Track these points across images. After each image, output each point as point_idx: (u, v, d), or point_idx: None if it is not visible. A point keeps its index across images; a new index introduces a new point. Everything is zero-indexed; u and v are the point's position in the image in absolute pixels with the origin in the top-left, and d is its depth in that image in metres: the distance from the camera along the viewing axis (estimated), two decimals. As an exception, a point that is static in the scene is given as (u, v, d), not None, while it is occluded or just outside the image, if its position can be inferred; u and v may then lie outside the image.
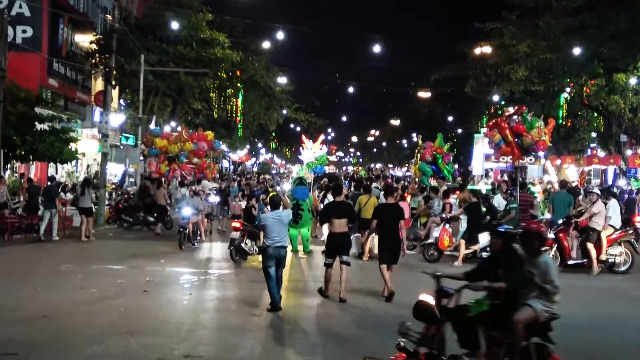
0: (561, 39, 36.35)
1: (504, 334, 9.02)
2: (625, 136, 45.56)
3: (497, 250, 9.65)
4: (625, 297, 16.84)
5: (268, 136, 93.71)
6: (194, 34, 44.35)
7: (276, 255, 14.44)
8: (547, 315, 9.25)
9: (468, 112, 73.84)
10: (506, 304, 9.08)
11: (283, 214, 14.94)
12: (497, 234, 9.78)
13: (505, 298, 9.10)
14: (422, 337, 8.41)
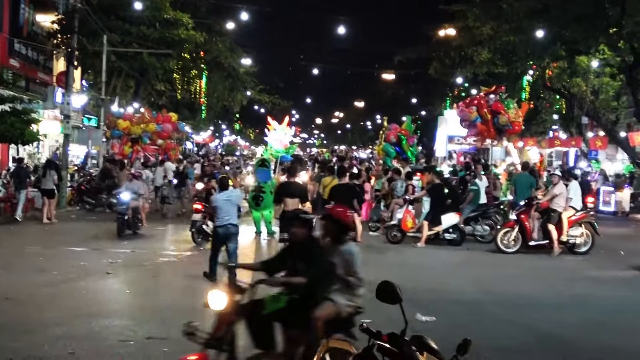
0: (524, 21, 36.49)
1: (302, 331, 7.90)
2: (587, 118, 45.95)
3: (298, 240, 8.46)
4: (585, 278, 17.05)
5: (232, 118, 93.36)
6: (157, 15, 43.93)
7: (226, 233, 15.08)
8: (350, 310, 8.19)
9: (432, 94, 74.05)
10: (305, 299, 8.00)
11: (233, 195, 15.61)
12: (301, 222, 8.52)
13: (304, 292, 8.02)
14: (210, 337, 7.74)
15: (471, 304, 13.63)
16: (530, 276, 17.12)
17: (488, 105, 27.05)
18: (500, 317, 12.60)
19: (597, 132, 46.71)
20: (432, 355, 4.99)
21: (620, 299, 14.61)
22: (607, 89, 41.69)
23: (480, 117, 27.29)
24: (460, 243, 21.98)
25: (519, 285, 15.74)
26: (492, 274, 16.97)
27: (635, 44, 33.90)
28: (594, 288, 15.73)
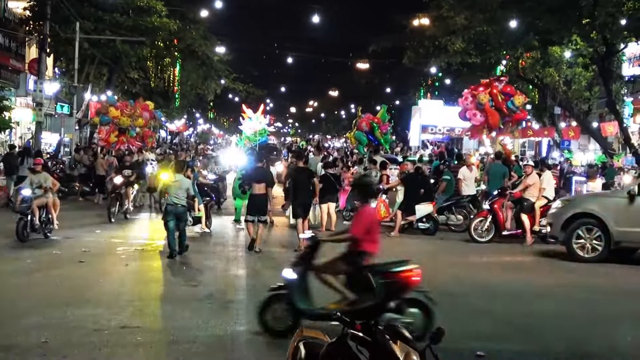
0: (498, 11, 36.59)
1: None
2: (559, 109, 46.23)
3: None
4: (558, 267, 17.19)
5: (206, 106, 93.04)
6: (130, 2, 43.61)
7: (175, 212, 16.89)
8: None
9: (406, 84, 74.19)
10: None
11: (183, 180, 17.32)
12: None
13: None
14: None
15: (445, 293, 13.66)
16: (503, 265, 17.25)
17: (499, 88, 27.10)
18: (474, 307, 12.68)
19: (570, 122, 47.00)
20: (406, 344, 5.03)
21: (592, 288, 14.75)
22: (579, 79, 41.89)
23: (492, 99, 27.26)
24: (434, 232, 22.11)
25: (493, 275, 15.86)
26: (465, 264, 17.08)
27: (607, 35, 34.09)
28: (567, 277, 15.87)
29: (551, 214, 18.67)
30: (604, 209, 17.51)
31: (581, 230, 17.49)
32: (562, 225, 17.76)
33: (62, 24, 38.05)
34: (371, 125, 34.99)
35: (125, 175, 24.59)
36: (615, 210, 17.44)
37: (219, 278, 14.68)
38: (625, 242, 17.56)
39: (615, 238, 17.28)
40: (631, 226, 17.20)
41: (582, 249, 17.51)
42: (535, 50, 39.52)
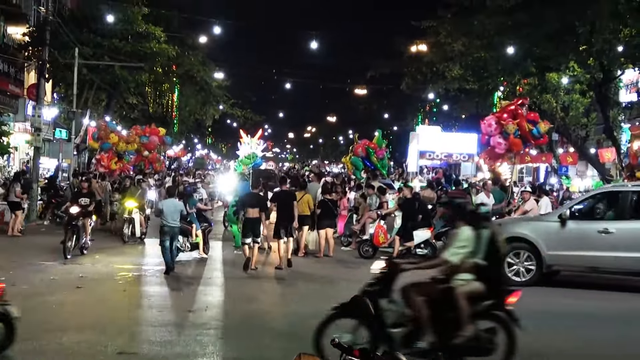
0: (495, 38, 36.70)
1: None
2: (557, 135, 46.28)
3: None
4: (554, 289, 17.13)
5: (204, 131, 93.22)
6: (129, 28, 43.85)
7: (170, 232, 18.26)
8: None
9: (404, 110, 74.39)
10: None
11: (177, 203, 18.95)
12: None
13: None
14: None
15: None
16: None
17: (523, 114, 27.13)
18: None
19: (568, 148, 47.05)
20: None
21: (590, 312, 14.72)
22: (577, 105, 41.92)
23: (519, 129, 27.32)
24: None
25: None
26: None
27: (604, 61, 34.22)
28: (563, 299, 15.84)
29: None
30: (536, 233, 17.60)
31: (510, 257, 17.42)
32: None
33: (61, 50, 38.15)
34: (367, 151, 34.99)
35: (82, 205, 21.74)
36: (546, 234, 17.54)
37: (216, 304, 14.66)
38: (557, 266, 17.88)
39: (548, 262, 17.45)
40: (563, 250, 17.37)
41: (516, 275, 17.47)
42: (532, 77, 39.63)
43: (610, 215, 18.03)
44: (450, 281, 9.96)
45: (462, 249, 9.99)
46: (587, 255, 17.26)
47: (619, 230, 17.01)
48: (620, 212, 17.69)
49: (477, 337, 9.75)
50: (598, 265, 17.59)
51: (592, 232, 17.21)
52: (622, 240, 16.93)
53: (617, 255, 16.93)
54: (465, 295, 9.73)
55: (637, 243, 16.89)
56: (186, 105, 66.99)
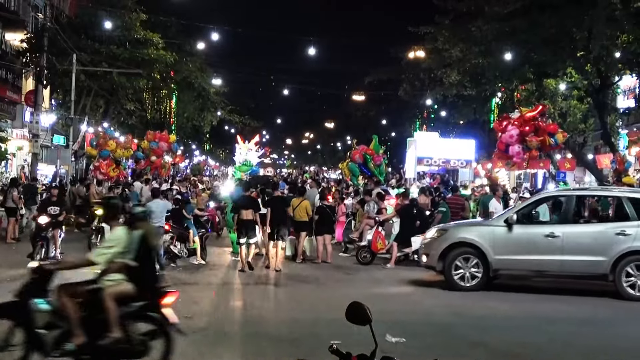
0: (493, 44, 36.75)
1: None
2: (555, 140, 46.35)
3: None
4: (552, 297, 17.13)
5: (202, 137, 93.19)
6: (127, 34, 43.91)
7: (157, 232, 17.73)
8: None
9: (402, 116, 74.43)
10: None
11: (164, 204, 20.07)
12: None
13: None
14: None
15: (440, 325, 13.70)
16: (499, 296, 17.21)
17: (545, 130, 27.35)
18: (469, 339, 12.65)
19: (565, 154, 47.04)
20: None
21: (582, 319, 14.72)
22: (574, 111, 41.98)
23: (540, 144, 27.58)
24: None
25: (488, 306, 15.81)
26: (460, 295, 17.03)
27: (601, 68, 34.24)
28: (560, 307, 15.85)
29: (426, 244, 18.61)
30: (482, 238, 17.64)
31: (459, 261, 17.54)
32: (439, 255, 17.76)
33: (58, 56, 38.19)
34: (364, 157, 34.96)
35: (52, 214, 20.12)
36: (493, 238, 17.59)
37: (214, 310, 14.65)
38: (504, 270, 17.89)
39: (494, 266, 17.50)
40: (510, 254, 17.46)
41: (462, 279, 17.54)
42: (530, 83, 39.68)
43: (556, 219, 18.46)
44: (99, 282, 9.88)
45: (109, 249, 9.89)
46: (533, 260, 17.40)
47: (564, 234, 17.23)
48: (565, 216, 18.07)
49: (128, 339, 9.62)
50: (545, 269, 17.67)
51: (539, 236, 17.40)
52: (568, 243, 17.14)
53: (564, 259, 17.13)
54: (113, 296, 9.59)
55: (582, 246, 17.16)
56: (184, 112, 67.00)
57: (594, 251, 17.03)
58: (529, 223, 18.15)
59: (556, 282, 18.47)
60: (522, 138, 27.61)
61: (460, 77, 40.95)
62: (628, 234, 16.88)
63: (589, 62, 34.16)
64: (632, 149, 35.04)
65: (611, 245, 16.91)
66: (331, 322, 12.67)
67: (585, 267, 17.21)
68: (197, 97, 61.63)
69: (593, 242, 17.18)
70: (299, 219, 21.96)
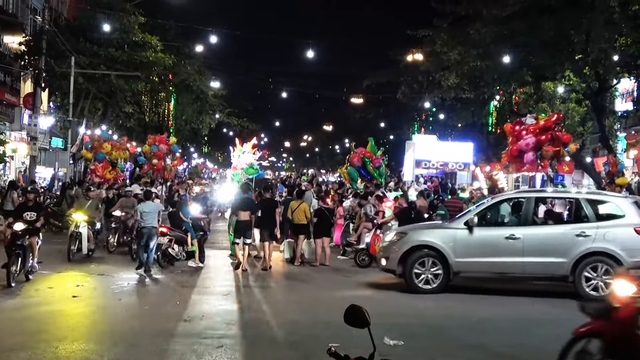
0: (491, 47, 36.78)
1: None
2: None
3: None
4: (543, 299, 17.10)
5: (200, 140, 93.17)
6: (125, 37, 43.97)
7: (148, 233, 19.21)
8: None
9: (400, 119, 74.44)
10: None
11: (156, 205, 19.97)
12: None
13: None
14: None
15: (438, 327, 13.70)
16: (495, 299, 17.20)
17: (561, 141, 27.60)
18: (465, 341, 12.65)
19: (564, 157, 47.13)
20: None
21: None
22: (572, 114, 42.06)
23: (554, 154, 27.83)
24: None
25: (484, 308, 15.80)
26: (458, 297, 17.03)
27: (600, 71, 34.27)
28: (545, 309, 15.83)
29: (385, 247, 18.47)
30: (443, 240, 17.58)
31: (419, 263, 17.46)
32: (400, 258, 17.65)
33: (57, 59, 38.18)
34: (363, 160, 34.92)
35: (28, 220, 18.16)
36: (454, 241, 17.53)
37: (212, 313, 14.62)
38: (464, 273, 17.87)
39: (455, 269, 17.45)
40: (471, 256, 17.42)
41: (422, 281, 17.44)
42: (528, 86, 39.74)
43: (516, 221, 18.40)
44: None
45: None
46: (494, 262, 17.39)
47: (525, 236, 17.24)
48: (525, 218, 17.99)
49: None
50: (506, 271, 17.67)
51: (499, 238, 17.39)
52: (529, 245, 17.15)
53: (525, 261, 17.14)
54: None
55: (543, 248, 17.19)
56: (182, 114, 66.96)
57: (554, 253, 17.10)
58: (489, 225, 18.31)
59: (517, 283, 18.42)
60: (537, 146, 27.78)
61: (459, 80, 40.98)
62: (587, 235, 16.96)
63: (587, 65, 34.19)
64: (630, 152, 35.07)
65: (571, 246, 17.00)
66: (330, 325, 12.67)
67: (546, 269, 17.26)
68: (195, 100, 61.63)
69: (553, 243, 17.26)
70: (297, 221, 21.99)
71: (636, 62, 34.03)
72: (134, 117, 55.56)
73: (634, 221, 17.08)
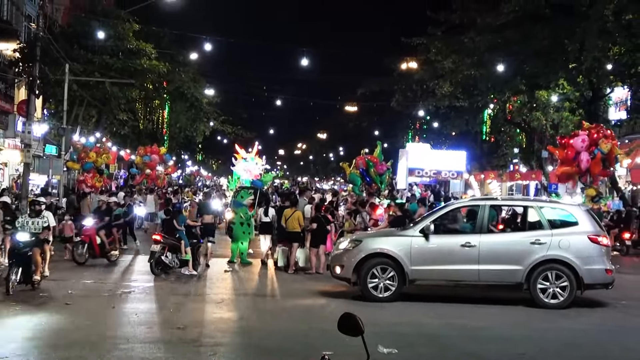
0: (485, 55, 36.91)
1: None
2: (547, 152, 46.49)
3: None
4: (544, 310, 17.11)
5: (194, 148, 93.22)
6: (120, 44, 43.99)
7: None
8: None
9: (394, 127, 74.59)
10: None
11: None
12: None
13: None
14: None
15: (431, 335, 13.68)
16: (488, 307, 17.19)
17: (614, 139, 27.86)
18: (460, 349, 12.63)
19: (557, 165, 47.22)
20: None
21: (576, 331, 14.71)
22: (566, 123, 42.21)
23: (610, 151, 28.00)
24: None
25: (478, 317, 15.78)
26: (452, 306, 17.01)
27: (593, 79, 34.43)
28: (551, 320, 15.83)
29: (338, 255, 18.26)
30: (398, 248, 17.37)
31: (375, 271, 17.23)
32: (355, 266, 17.45)
33: (51, 66, 38.10)
34: (367, 164, 34.91)
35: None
36: (409, 248, 17.34)
37: (206, 321, 14.61)
38: (420, 280, 17.60)
39: (411, 277, 17.25)
40: (426, 264, 17.28)
41: (377, 290, 17.20)
42: (522, 94, 39.87)
43: (471, 229, 18.13)
44: None
45: None
46: (450, 269, 17.28)
47: (481, 244, 17.16)
48: (480, 226, 17.78)
49: None
50: (462, 279, 17.48)
51: (455, 245, 17.29)
52: (485, 253, 17.10)
53: (481, 269, 17.06)
54: None
55: (498, 255, 17.15)
56: (176, 122, 66.99)
57: (509, 260, 17.09)
58: (445, 233, 18.07)
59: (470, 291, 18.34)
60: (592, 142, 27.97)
61: (453, 88, 41.14)
62: (543, 243, 16.97)
63: (581, 74, 34.36)
64: (623, 161, 35.21)
65: (527, 254, 16.99)
66: (324, 333, 12.66)
67: (501, 276, 17.19)
68: (189, 108, 61.62)
69: (509, 251, 17.25)
70: (291, 229, 21.97)
71: (630, 71, 34.16)
72: (128, 125, 55.56)
73: (587, 229, 17.19)
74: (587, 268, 16.74)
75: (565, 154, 30.07)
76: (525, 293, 17.06)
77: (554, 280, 16.80)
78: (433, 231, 17.45)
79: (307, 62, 43.37)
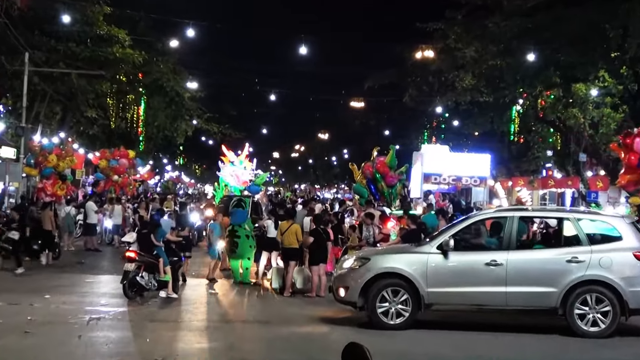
0: (513, 43, 36.91)
1: None
2: (585, 155, 46.42)
3: None
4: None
5: (175, 150, 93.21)
6: (88, 30, 43.99)
7: None
8: None
9: (407, 126, 74.56)
10: None
11: None
12: None
13: None
14: None
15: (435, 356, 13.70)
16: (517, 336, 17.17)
17: None
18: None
19: (597, 171, 47.14)
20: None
21: None
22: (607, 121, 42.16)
23: None
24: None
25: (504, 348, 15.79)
26: (474, 334, 16.98)
27: (639, 70, 34.40)
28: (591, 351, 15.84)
29: (342, 275, 18.09)
30: (412, 267, 17.20)
31: (385, 294, 17.03)
32: (361, 288, 17.26)
33: (8, 55, 38.19)
34: (374, 175, 34.88)
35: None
36: (425, 268, 17.16)
37: (188, 352, 14.57)
38: (438, 304, 17.43)
39: (427, 300, 17.06)
40: (445, 286, 17.10)
41: (387, 315, 17.02)
42: (556, 88, 39.81)
43: (497, 245, 17.88)
44: None
45: None
46: (473, 292, 17.10)
47: (509, 262, 16.98)
48: (508, 241, 17.54)
49: None
50: (486, 303, 17.30)
51: (479, 264, 17.14)
52: (513, 273, 16.89)
53: (508, 291, 16.87)
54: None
55: (529, 276, 16.97)
56: (154, 120, 66.92)
57: (542, 281, 16.88)
58: (466, 249, 17.89)
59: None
60: None
61: (475, 81, 41.12)
62: (581, 261, 16.79)
63: (625, 64, 34.31)
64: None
65: (562, 274, 16.81)
66: (320, 353, 12.66)
67: (532, 300, 17.01)
68: (169, 103, 61.62)
69: (541, 270, 17.04)
70: (287, 245, 21.88)
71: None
72: (98, 124, 55.56)
73: (633, 245, 16.93)
74: (632, 290, 16.49)
75: (628, 159, 29.94)
76: (561, 319, 16.91)
77: (594, 304, 16.59)
78: (453, 247, 17.18)
79: (306, 51, 43.30)
